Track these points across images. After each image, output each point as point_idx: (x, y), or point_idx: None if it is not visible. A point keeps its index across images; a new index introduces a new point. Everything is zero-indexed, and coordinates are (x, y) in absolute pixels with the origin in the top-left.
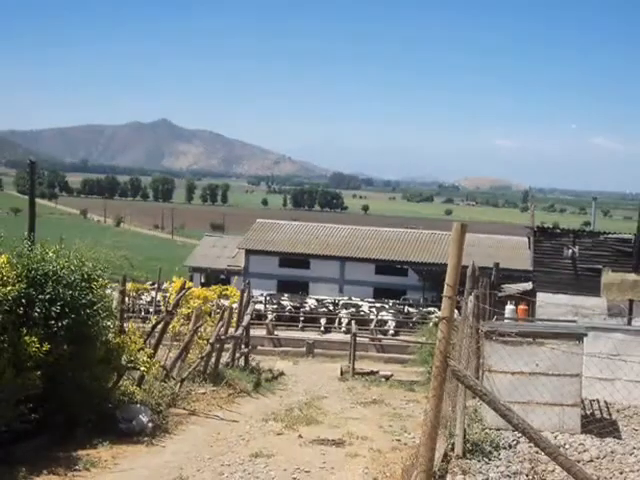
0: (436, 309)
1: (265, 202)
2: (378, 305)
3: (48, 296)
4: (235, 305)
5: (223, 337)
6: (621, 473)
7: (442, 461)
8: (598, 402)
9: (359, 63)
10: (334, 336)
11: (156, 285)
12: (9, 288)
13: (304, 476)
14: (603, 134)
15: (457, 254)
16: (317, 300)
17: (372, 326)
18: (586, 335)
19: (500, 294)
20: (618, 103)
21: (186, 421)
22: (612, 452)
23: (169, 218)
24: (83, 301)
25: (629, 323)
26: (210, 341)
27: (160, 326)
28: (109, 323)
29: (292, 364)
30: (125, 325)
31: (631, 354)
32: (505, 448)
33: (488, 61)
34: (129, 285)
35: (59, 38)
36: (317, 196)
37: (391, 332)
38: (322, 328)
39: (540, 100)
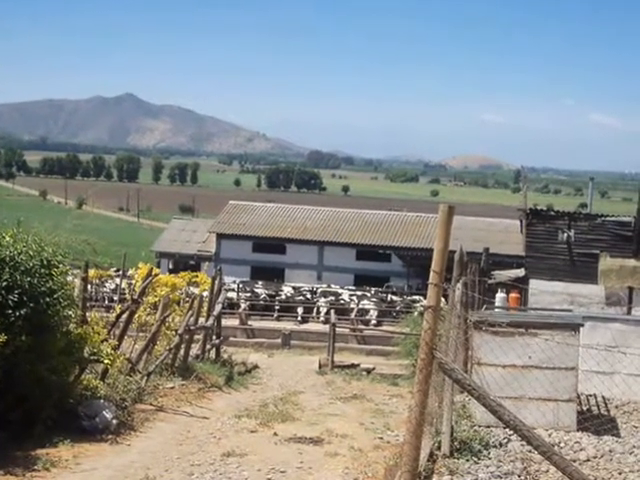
0: (421, 297)
1: (238, 182)
2: (359, 293)
3: (5, 283)
4: (205, 293)
5: (193, 327)
6: (620, 473)
7: (428, 461)
8: (595, 397)
9: (338, 35)
10: (312, 326)
11: (121, 272)
12: None
13: (279, 476)
14: (601, 110)
15: (444, 238)
16: (294, 288)
17: (353, 316)
18: (582, 325)
19: (490, 281)
20: (617, 77)
21: (153, 418)
22: (610, 451)
23: (135, 200)
24: (42, 289)
25: (629, 312)
26: (179, 332)
27: (125, 316)
28: (70, 312)
29: (267, 356)
30: (87, 315)
31: (631, 346)
32: (495, 447)
33: (474, 31)
34: (92, 272)
35: (17, 8)
36: (293, 176)
37: (373, 322)
38: (299, 318)
39: (532, 72)
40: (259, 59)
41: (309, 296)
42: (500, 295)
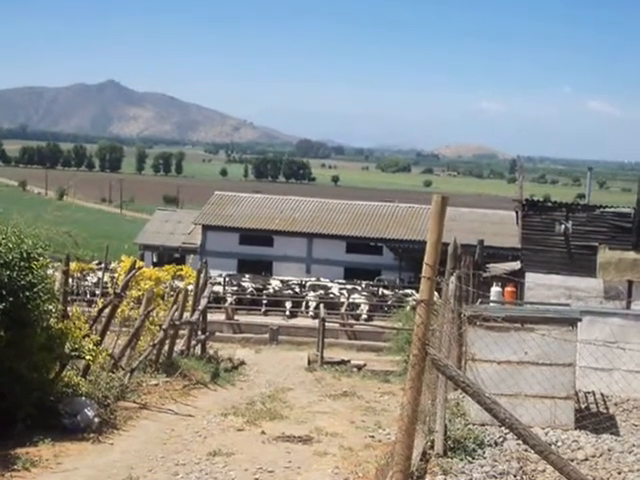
0: (414, 291)
1: (224, 172)
2: (349, 287)
3: None
4: (191, 287)
5: (177, 322)
6: (619, 473)
7: (420, 460)
8: (594, 394)
9: (327, 18)
10: (301, 321)
11: (103, 265)
12: None
13: (267, 476)
14: (600, 97)
15: (437, 230)
16: (282, 281)
17: (343, 310)
18: (580, 320)
19: (485, 275)
20: (617, 63)
21: (136, 416)
22: (609, 450)
23: (117, 190)
24: (22, 282)
25: (628, 307)
26: (163, 327)
27: (107, 310)
28: (51, 307)
29: (254, 352)
30: (69, 309)
31: (630, 341)
32: (491, 446)
33: (470, 15)
34: (73, 265)
35: None
36: (282, 166)
37: (364, 317)
38: (287, 312)
39: (529, 59)
40: (244, 45)
41: (298, 290)
42: (495, 289)
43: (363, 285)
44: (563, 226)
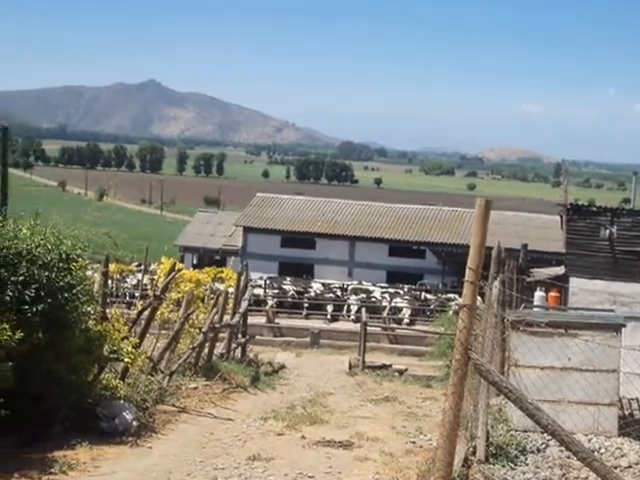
0: (457, 296)
1: (266, 174)
2: (392, 291)
3: (21, 278)
4: (231, 289)
5: (217, 325)
6: None
7: (462, 466)
8: (637, 401)
9: (371, 19)
10: (342, 325)
11: (143, 266)
12: None
13: None
14: None
15: (481, 234)
16: (323, 284)
17: (385, 314)
18: (625, 326)
19: (529, 279)
20: None
21: (175, 419)
22: None
23: (158, 191)
24: (61, 284)
25: None
26: (203, 330)
27: (147, 312)
28: (89, 309)
29: (295, 356)
30: (108, 311)
31: None
32: (533, 452)
33: (514, 17)
34: (112, 266)
35: None
36: (324, 168)
37: (406, 321)
38: (329, 316)
39: (573, 60)
40: (284, 45)
41: (339, 293)
42: (539, 294)
43: (405, 289)
44: (608, 231)
